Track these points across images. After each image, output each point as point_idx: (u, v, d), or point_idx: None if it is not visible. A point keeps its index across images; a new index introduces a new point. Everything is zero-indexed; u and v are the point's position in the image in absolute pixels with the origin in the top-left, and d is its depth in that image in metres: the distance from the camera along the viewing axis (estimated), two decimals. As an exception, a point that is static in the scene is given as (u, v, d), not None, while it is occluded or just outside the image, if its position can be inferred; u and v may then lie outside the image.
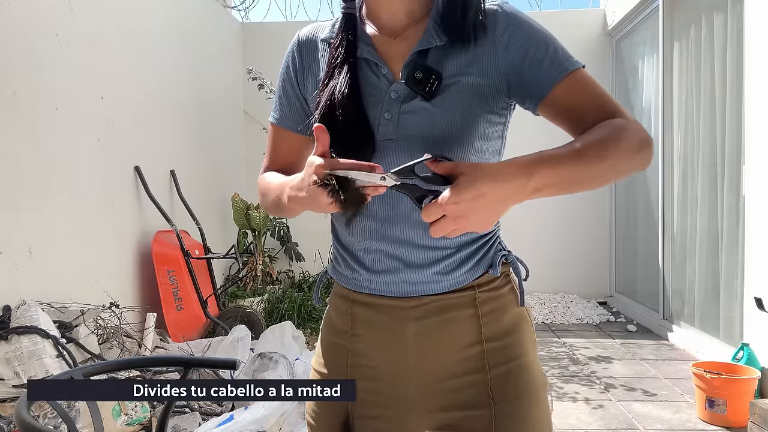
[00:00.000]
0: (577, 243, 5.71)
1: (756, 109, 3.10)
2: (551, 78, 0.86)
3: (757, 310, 2.96)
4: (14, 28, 2.51)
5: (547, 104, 0.87)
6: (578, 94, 0.86)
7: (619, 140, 0.79)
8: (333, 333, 0.98)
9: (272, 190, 0.94)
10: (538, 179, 0.73)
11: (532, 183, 0.73)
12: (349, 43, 0.91)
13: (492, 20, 0.88)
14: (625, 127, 0.81)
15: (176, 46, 4.25)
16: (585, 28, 5.65)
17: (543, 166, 0.74)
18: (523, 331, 0.93)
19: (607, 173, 0.80)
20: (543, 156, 0.76)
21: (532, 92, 0.87)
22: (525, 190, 0.73)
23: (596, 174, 0.79)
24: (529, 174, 0.73)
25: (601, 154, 0.78)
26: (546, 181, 0.74)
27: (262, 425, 2.30)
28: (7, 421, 1.93)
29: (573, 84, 0.86)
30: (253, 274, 4.95)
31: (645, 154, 0.82)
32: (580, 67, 0.87)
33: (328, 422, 0.96)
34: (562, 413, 2.93)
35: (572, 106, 0.86)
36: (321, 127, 0.77)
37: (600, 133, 0.80)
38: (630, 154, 0.80)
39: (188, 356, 2.82)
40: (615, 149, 0.78)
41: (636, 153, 0.81)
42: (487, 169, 0.72)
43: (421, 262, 0.89)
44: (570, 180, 0.77)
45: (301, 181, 0.80)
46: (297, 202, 0.83)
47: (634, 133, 0.81)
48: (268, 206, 0.97)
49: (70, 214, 2.88)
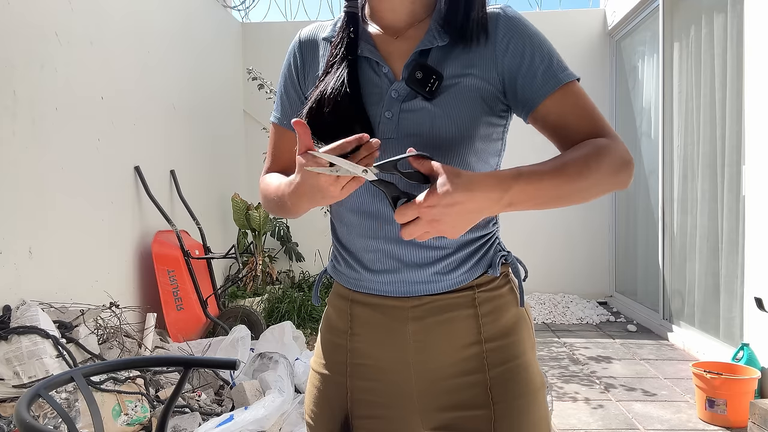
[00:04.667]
0: (577, 243, 5.72)
1: (756, 109, 3.10)
2: (544, 90, 0.86)
3: (757, 310, 2.97)
4: (14, 28, 2.51)
5: (537, 116, 0.88)
6: (568, 109, 0.87)
7: (600, 160, 0.81)
8: (332, 333, 0.98)
9: (273, 191, 0.94)
10: (513, 194, 0.75)
11: (507, 198, 0.75)
12: (350, 42, 0.91)
13: (494, 23, 0.89)
14: (608, 146, 0.83)
15: (176, 46, 4.25)
16: (585, 28, 5.65)
17: (520, 181, 0.76)
18: (522, 331, 0.93)
19: (585, 192, 0.81)
20: (522, 171, 0.77)
21: (525, 102, 0.88)
22: (500, 203, 0.75)
23: (574, 191, 0.80)
24: (506, 188, 0.75)
25: (582, 173, 0.80)
26: (522, 196, 0.76)
27: (262, 425, 2.30)
28: (7, 421, 1.93)
29: (565, 98, 0.87)
30: (253, 274, 4.95)
31: (625, 174, 0.84)
32: (575, 79, 0.88)
33: (327, 422, 0.96)
34: (562, 413, 2.93)
35: (561, 121, 0.87)
36: (298, 122, 0.76)
37: (583, 151, 0.82)
38: (610, 174, 0.82)
39: (188, 356, 2.81)
40: (596, 169, 0.80)
41: (616, 174, 0.83)
42: (467, 178, 0.73)
43: (420, 262, 0.89)
44: (547, 196, 0.78)
45: (296, 175, 0.82)
46: (296, 194, 0.83)
47: (616, 154, 0.83)
48: (271, 206, 0.97)
49: (70, 214, 2.88)
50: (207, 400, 2.60)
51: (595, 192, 0.82)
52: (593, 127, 0.86)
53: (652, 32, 4.73)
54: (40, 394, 1.11)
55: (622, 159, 0.83)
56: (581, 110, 0.87)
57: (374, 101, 0.89)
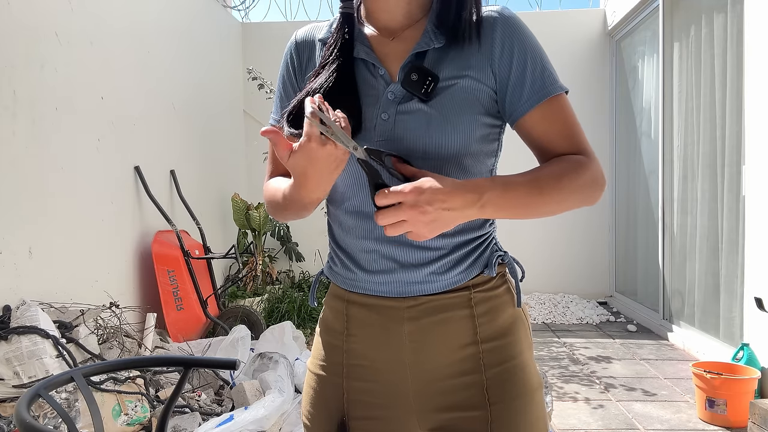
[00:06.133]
0: (577, 243, 5.72)
1: (756, 109, 3.10)
2: (531, 100, 0.87)
3: (757, 310, 2.97)
4: (14, 28, 2.51)
5: (521, 124, 0.90)
6: (551, 123, 0.89)
7: (573, 179, 0.84)
8: (329, 333, 0.98)
9: (282, 192, 0.91)
10: (488, 198, 0.78)
11: (482, 201, 0.77)
12: (344, 43, 0.91)
13: (491, 26, 0.89)
14: (584, 165, 0.86)
15: (176, 46, 4.25)
16: (585, 28, 5.65)
17: (495, 187, 0.79)
18: (519, 331, 0.93)
19: (555, 205, 0.85)
20: (496, 179, 0.81)
21: (511, 110, 0.89)
22: (475, 205, 0.77)
23: (544, 203, 0.83)
24: (481, 191, 0.78)
25: (555, 188, 0.83)
26: (497, 200, 0.79)
27: (262, 425, 2.30)
28: (7, 421, 1.93)
29: (550, 110, 0.88)
30: (253, 274, 4.95)
31: (596, 194, 0.88)
32: (562, 92, 0.89)
33: (323, 423, 0.96)
34: (562, 413, 2.93)
35: (543, 134, 0.89)
36: (268, 131, 0.77)
37: (558, 167, 0.85)
38: (580, 192, 0.86)
39: (188, 356, 2.81)
40: (567, 186, 0.84)
41: (586, 192, 0.86)
42: (448, 180, 0.76)
43: (415, 262, 0.89)
44: (519, 204, 0.81)
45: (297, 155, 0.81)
46: (304, 175, 0.79)
47: (589, 173, 0.86)
48: (278, 209, 0.94)
49: (70, 214, 2.88)
50: (207, 400, 2.60)
51: (564, 207, 0.86)
52: (573, 143, 0.89)
53: (652, 32, 4.73)
54: (40, 394, 1.11)
55: (594, 179, 0.87)
56: (564, 124, 0.89)
57: (370, 103, 0.89)
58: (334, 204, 0.95)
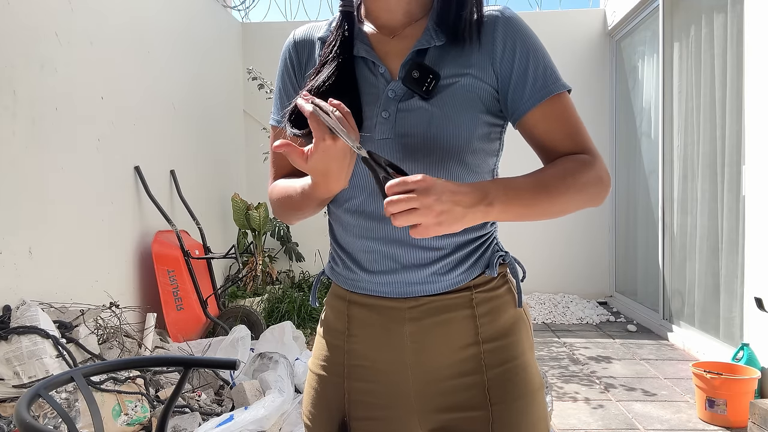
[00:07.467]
0: (577, 243, 5.71)
1: (756, 109, 3.10)
2: (533, 98, 0.87)
3: (757, 310, 2.97)
4: (14, 28, 2.51)
5: (524, 123, 0.89)
6: (554, 122, 0.88)
7: (578, 179, 0.83)
8: (330, 334, 0.98)
9: (289, 194, 0.90)
10: (492, 198, 0.76)
11: (487, 200, 0.76)
12: (344, 41, 0.90)
13: (492, 25, 0.88)
14: (588, 165, 0.85)
15: (176, 46, 4.25)
16: (585, 28, 5.65)
17: (499, 187, 0.78)
18: (520, 332, 0.93)
19: (560, 206, 0.83)
20: (499, 179, 0.80)
21: (514, 108, 0.89)
22: (480, 204, 0.76)
23: (549, 204, 0.82)
24: (486, 191, 0.76)
25: (559, 188, 0.82)
26: (502, 199, 0.77)
27: (262, 425, 2.30)
28: (7, 421, 1.93)
29: (552, 109, 0.87)
30: (253, 274, 4.95)
31: (601, 194, 0.87)
32: (565, 91, 0.88)
33: (324, 423, 0.95)
34: (562, 413, 2.93)
35: (546, 133, 0.88)
36: (281, 146, 0.77)
37: (562, 167, 0.84)
38: (587, 193, 0.85)
39: (188, 356, 2.81)
40: (572, 186, 0.83)
41: (593, 193, 0.85)
42: (450, 183, 0.75)
43: (417, 263, 0.89)
44: (523, 205, 0.80)
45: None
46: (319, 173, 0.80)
47: (594, 173, 0.85)
48: (290, 210, 0.93)
49: (70, 214, 2.88)
50: (207, 400, 2.60)
51: (570, 207, 0.84)
52: (576, 142, 0.88)
53: (652, 32, 4.73)
54: (40, 394, 1.11)
55: (599, 178, 0.86)
56: (566, 123, 0.88)
57: (370, 101, 0.89)
58: (335, 204, 0.95)
